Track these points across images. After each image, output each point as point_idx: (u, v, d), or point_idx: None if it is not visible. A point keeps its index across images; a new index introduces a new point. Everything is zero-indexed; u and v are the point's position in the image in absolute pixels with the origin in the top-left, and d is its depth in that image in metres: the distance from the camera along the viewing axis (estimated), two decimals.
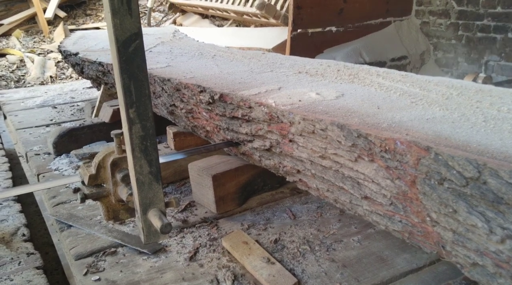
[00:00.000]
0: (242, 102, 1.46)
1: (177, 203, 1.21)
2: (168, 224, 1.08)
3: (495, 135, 0.98)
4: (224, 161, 1.96)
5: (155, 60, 2.29)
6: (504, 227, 0.83)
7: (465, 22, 5.11)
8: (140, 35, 1.02)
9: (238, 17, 6.76)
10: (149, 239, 1.16)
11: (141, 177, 1.11)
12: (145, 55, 1.04)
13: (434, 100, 1.30)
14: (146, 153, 1.10)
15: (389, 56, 5.33)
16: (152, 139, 1.10)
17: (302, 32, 4.76)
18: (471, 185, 0.86)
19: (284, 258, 1.56)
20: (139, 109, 1.06)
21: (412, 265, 1.50)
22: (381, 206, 1.12)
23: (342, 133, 1.13)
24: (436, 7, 5.44)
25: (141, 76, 1.04)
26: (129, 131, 1.07)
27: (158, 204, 1.15)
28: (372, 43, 5.21)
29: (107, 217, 1.34)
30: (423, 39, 5.69)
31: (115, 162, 1.27)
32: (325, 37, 4.94)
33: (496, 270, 0.88)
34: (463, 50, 5.20)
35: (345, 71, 1.76)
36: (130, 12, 0.99)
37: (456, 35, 5.25)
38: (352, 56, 4.98)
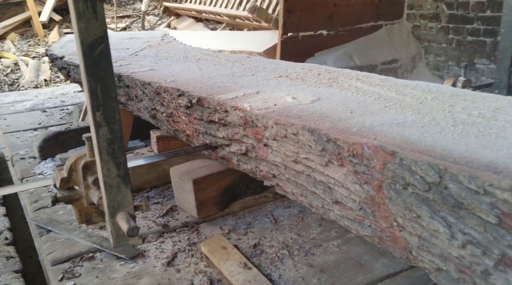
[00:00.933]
0: (219, 106, 1.46)
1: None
2: (135, 227, 1.08)
3: (461, 140, 0.98)
4: (206, 165, 1.96)
5: (139, 64, 2.28)
6: (465, 232, 0.83)
7: (456, 25, 5.13)
8: (106, 39, 1.02)
9: (231, 20, 6.77)
10: (118, 243, 1.15)
11: (109, 180, 1.11)
12: (111, 59, 1.04)
13: (408, 104, 1.29)
14: (114, 156, 1.10)
15: (380, 60, 5.34)
16: (119, 142, 1.10)
17: (292, 35, 4.77)
18: (433, 190, 0.86)
19: (262, 263, 1.55)
20: (106, 112, 1.06)
21: (389, 270, 1.50)
22: (352, 211, 1.12)
23: (313, 137, 1.12)
24: (427, 11, 5.46)
25: (107, 79, 1.04)
26: (96, 134, 1.07)
27: (127, 207, 1.14)
28: (363, 47, 5.21)
29: (80, 220, 1.33)
30: (414, 42, 5.70)
31: (87, 165, 1.27)
32: (316, 41, 4.95)
33: (460, 275, 0.88)
34: (454, 53, 5.21)
35: (325, 75, 1.76)
36: (96, 16, 0.99)
37: (446, 39, 5.27)
38: (343, 59, 4.98)
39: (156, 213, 1.96)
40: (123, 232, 1.10)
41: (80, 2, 0.96)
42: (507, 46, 2.22)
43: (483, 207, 0.78)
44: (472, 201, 0.80)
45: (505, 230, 0.76)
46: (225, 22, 7.10)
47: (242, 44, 5.67)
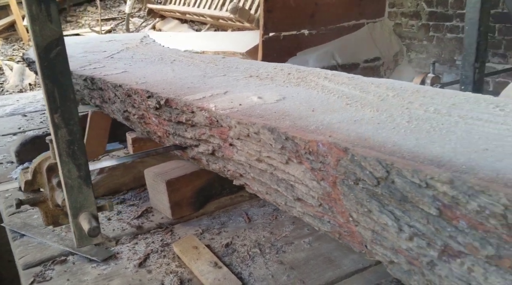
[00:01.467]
0: (185, 107, 1.47)
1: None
2: (96, 227, 1.09)
3: (413, 135, 1.00)
4: (180, 166, 1.97)
5: (114, 66, 2.28)
6: (411, 225, 0.85)
7: (435, 23, 5.19)
8: (62, 41, 1.03)
9: (214, 21, 6.78)
10: (81, 243, 1.17)
11: (69, 181, 1.12)
12: (68, 61, 1.05)
13: (369, 102, 1.32)
14: (74, 157, 1.11)
15: (362, 58, 5.38)
16: (80, 144, 1.11)
17: (274, 35, 4.79)
18: (382, 185, 0.88)
19: (233, 262, 1.57)
20: (64, 114, 1.07)
21: (358, 265, 1.52)
22: (312, 208, 1.14)
23: (273, 136, 1.14)
24: (407, 9, 5.52)
25: (64, 81, 1.05)
26: (55, 136, 1.08)
27: (90, 208, 1.15)
28: (345, 45, 5.25)
29: (46, 222, 1.34)
30: (396, 40, 5.76)
31: (51, 167, 1.27)
32: (297, 40, 4.98)
33: (410, 267, 0.90)
34: (434, 50, 5.28)
35: (294, 75, 1.78)
36: (50, 19, 1.00)
37: (427, 36, 5.34)
38: (325, 58, 5.02)
39: (131, 215, 1.96)
40: (85, 233, 1.11)
41: (34, 5, 0.97)
42: (471, 43, 2.26)
43: (426, 199, 0.80)
44: (415, 194, 0.82)
45: (446, 222, 0.79)
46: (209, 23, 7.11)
47: (225, 45, 5.68)
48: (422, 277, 0.88)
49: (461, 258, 0.78)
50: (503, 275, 0.72)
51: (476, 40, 2.23)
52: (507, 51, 4.65)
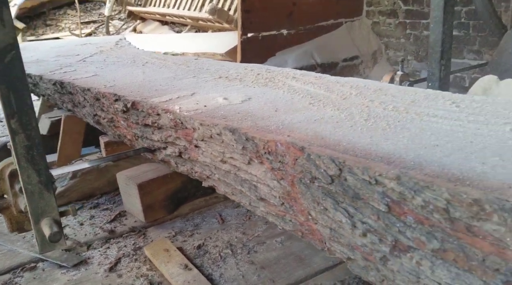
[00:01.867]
0: (151, 110, 1.47)
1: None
2: (57, 233, 1.08)
3: (368, 133, 1.02)
4: (153, 169, 1.96)
5: (84, 70, 2.26)
6: (364, 221, 0.86)
7: (412, 21, 5.25)
8: (16, 46, 1.02)
9: (194, 22, 6.76)
10: (44, 249, 1.16)
11: (29, 187, 1.11)
12: (23, 65, 1.04)
13: (332, 101, 1.33)
14: (33, 162, 1.10)
15: (341, 57, 5.41)
16: (39, 149, 1.10)
17: (253, 36, 4.79)
18: (336, 183, 0.89)
19: (204, 263, 1.57)
20: (22, 119, 1.06)
21: (328, 262, 1.53)
22: (275, 207, 1.14)
23: (234, 137, 1.14)
24: (385, 7, 5.57)
25: (20, 86, 1.04)
26: (13, 141, 1.07)
27: (52, 213, 1.15)
28: (323, 45, 5.28)
29: (11, 228, 1.32)
30: (375, 38, 5.81)
31: (13, 173, 1.26)
32: (276, 40, 4.99)
33: (366, 263, 0.91)
34: (412, 48, 5.34)
35: (264, 75, 1.79)
36: (3, 23, 0.99)
37: (404, 34, 5.39)
38: (304, 58, 5.04)
39: (104, 219, 1.95)
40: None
41: None
42: (437, 40, 2.30)
43: (375, 196, 0.81)
44: (366, 191, 0.83)
45: (395, 217, 0.80)
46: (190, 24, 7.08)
47: (205, 46, 5.67)
48: (378, 273, 0.90)
49: (411, 253, 0.79)
50: (448, 267, 0.74)
51: (441, 38, 2.26)
52: (481, 47, 4.73)
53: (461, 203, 0.69)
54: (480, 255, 0.69)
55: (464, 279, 0.72)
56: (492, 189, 0.69)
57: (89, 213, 2.01)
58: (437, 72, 2.40)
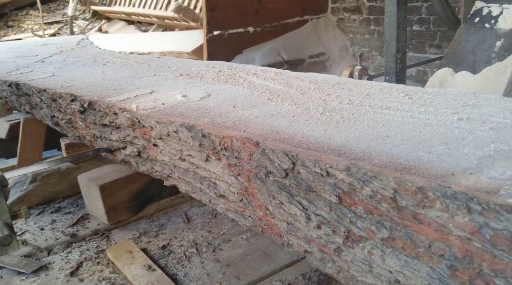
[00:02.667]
0: (108, 109, 1.44)
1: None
2: (7, 236, 1.06)
3: (322, 126, 1.02)
4: (115, 170, 1.93)
5: (42, 71, 2.20)
6: (317, 213, 0.87)
7: (376, 17, 5.34)
8: None
9: (160, 21, 6.68)
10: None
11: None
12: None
13: (290, 96, 1.33)
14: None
15: (308, 53, 5.46)
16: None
17: (219, 34, 4.78)
18: (290, 176, 0.89)
19: (169, 264, 1.55)
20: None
21: (293, 257, 1.54)
22: (234, 203, 1.14)
23: (190, 134, 1.13)
24: (349, 4, 5.65)
25: None
26: None
27: (2, 217, 1.11)
28: (290, 42, 5.31)
29: None
30: (340, 35, 5.88)
31: None
32: (243, 38, 4.99)
33: (322, 255, 0.92)
34: (376, 43, 5.43)
35: (225, 72, 1.78)
36: None
37: (368, 30, 5.49)
38: (270, 55, 5.06)
39: (66, 223, 1.91)
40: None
41: None
42: (392, 34, 2.35)
43: (327, 188, 0.82)
44: (318, 183, 0.84)
45: (346, 208, 0.81)
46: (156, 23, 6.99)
47: (171, 45, 5.61)
48: (334, 264, 0.91)
49: (362, 243, 0.81)
50: (398, 255, 0.75)
51: (395, 32, 2.31)
52: (442, 41, 4.86)
53: (407, 191, 0.70)
54: (426, 241, 0.70)
55: (412, 266, 0.73)
56: (436, 176, 0.71)
57: (50, 217, 1.96)
58: (393, 65, 2.45)
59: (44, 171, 2.07)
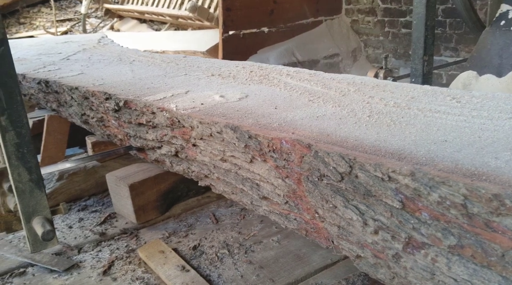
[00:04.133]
0: (145, 108, 1.44)
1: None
2: (50, 231, 1.06)
3: (374, 129, 1.01)
4: (143, 169, 1.92)
5: (69, 68, 2.20)
6: (375, 218, 0.86)
7: (390, 19, 5.32)
8: (5, 42, 0.99)
9: (173, 20, 6.68)
10: (36, 248, 1.14)
11: (20, 185, 1.08)
12: (13, 62, 1.01)
13: (331, 97, 1.32)
14: (24, 160, 1.07)
15: (322, 54, 5.45)
16: (29, 146, 1.07)
17: (234, 33, 4.77)
18: (346, 180, 0.88)
19: (201, 265, 1.54)
20: (12, 116, 1.04)
21: (327, 261, 1.53)
22: (278, 206, 1.13)
23: (236, 135, 1.13)
24: (363, 5, 5.63)
25: (10, 83, 1.01)
26: (3, 139, 1.05)
27: (43, 212, 1.12)
28: (304, 42, 5.30)
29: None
30: (354, 36, 5.87)
31: (1, 173, 1.22)
32: (257, 38, 4.98)
33: (376, 260, 0.91)
34: (391, 45, 5.41)
35: (257, 72, 1.77)
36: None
37: (383, 32, 5.46)
38: (285, 56, 5.05)
39: (94, 221, 1.90)
40: (40, 237, 1.08)
41: None
42: (419, 37, 2.33)
43: (389, 193, 0.81)
44: (379, 188, 0.82)
45: (409, 214, 0.80)
46: (169, 22, 7.00)
47: (185, 44, 5.61)
48: (388, 270, 0.89)
49: (425, 249, 0.79)
50: (466, 264, 0.74)
51: (423, 34, 2.30)
52: (458, 44, 4.83)
53: (480, 198, 0.69)
54: (500, 250, 0.69)
55: (482, 275, 0.72)
56: (510, 183, 0.70)
57: (77, 215, 1.96)
58: (420, 68, 2.43)
59: (70, 169, 2.07)
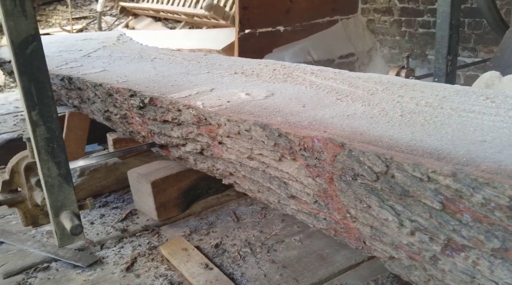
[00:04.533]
0: (171, 105, 1.43)
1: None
2: (78, 225, 1.07)
3: (408, 129, 1.00)
4: (164, 166, 1.92)
5: (91, 65, 2.21)
6: (412, 219, 0.84)
7: (407, 18, 5.27)
8: (38, 37, 1.00)
9: (189, 19, 6.70)
10: (63, 242, 1.15)
11: (50, 180, 1.09)
12: (44, 57, 1.02)
13: (359, 96, 1.31)
14: (54, 155, 1.08)
15: (337, 54, 5.41)
16: (59, 141, 1.08)
17: (250, 32, 4.77)
18: (381, 180, 0.87)
19: (224, 263, 1.54)
20: (42, 111, 1.05)
21: (351, 261, 1.51)
22: (307, 205, 1.12)
23: (265, 133, 1.12)
24: (380, 5, 5.58)
25: (42, 77, 1.02)
26: (33, 133, 1.06)
27: (71, 206, 1.13)
28: (320, 42, 5.28)
29: (25, 223, 1.30)
30: (370, 36, 5.82)
31: (29, 167, 1.24)
32: (273, 37, 4.97)
33: (411, 262, 0.89)
34: (407, 45, 5.36)
35: (280, 71, 1.76)
36: (25, 14, 0.96)
37: (399, 31, 5.41)
38: (300, 55, 5.03)
39: (115, 218, 1.91)
40: (68, 231, 1.08)
41: (8, 0, 0.92)
42: (443, 36, 2.30)
43: (428, 193, 0.80)
44: (417, 188, 0.81)
45: (449, 215, 0.78)
46: (184, 20, 7.02)
47: (200, 42, 5.62)
48: (424, 272, 0.88)
49: (466, 252, 0.78)
50: (510, 267, 0.72)
51: (448, 33, 2.26)
52: (476, 45, 4.76)
53: None
54: None
55: None
56: None
57: (98, 211, 1.97)
58: (443, 67, 2.40)
59: (92, 165, 2.08)
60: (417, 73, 5.24)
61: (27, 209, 1.33)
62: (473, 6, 4.63)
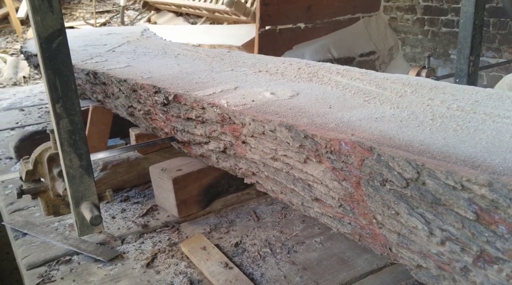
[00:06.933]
0: (196, 103, 1.43)
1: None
2: (98, 216, 1.09)
3: (439, 134, 0.97)
4: (186, 163, 1.93)
5: (116, 60, 2.23)
6: (443, 228, 0.82)
7: (430, 17, 5.17)
8: (63, 32, 1.01)
9: (210, 14, 6.71)
10: (83, 232, 1.18)
11: (71, 171, 1.12)
12: (69, 51, 1.05)
13: (387, 98, 1.28)
14: (76, 147, 1.11)
15: (358, 52, 5.35)
16: (81, 134, 1.10)
17: (270, 29, 4.74)
18: (411, 186, 0.85)
19: (244, 262, 1.53)
20: (66, 104, 1.07)
21: (372, 265, 1.49)
22: (331, 208, 1.10)
23: (290, 134, 1.10)
24: (403, 3, 5.49)
25: (66, 71, 1.04)
26: (57, 125, 1.08)
27: (91, 197, 1.15)
28: (340, 39, 5.22)
29: (47, 212, 1.34)
30: (392, 34, 5.74)
31: (52, 158, 1.27)
32: (294, 34, 4.94)
33: (439, 272, 0.87)
34: (429, 44, 5.26)
35: (305, 70, 1.74)
36: (52, 9, 0.98)
37: (422, 30, 5.32)
38: (320, 52, 4.98)
39: (136, 213, 1.92)
40: (87, 222, 1.10)
41: None
42: (466, 36, 2.23)
43: (461, 203, 0.77)
44: (449, 197, 0.79)
45: (483, 226, 0.76)
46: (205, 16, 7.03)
47: (221, 38, 5.62)
48: (453, 283, 0.85)
49: (499, 265, 0.75)
50: None
51: (471, 34, 2.20)
52: (501, 45, 4.65)
53: None
54: None
55: None
56: None
57: (120, 206, 1.98)
58: (465, 68, 2.34)
59: (114, 159, 2.10)
60: (439, 73, 5.15)
61: (49, 198, 1.36)
62: (499, 5, 4.52)
